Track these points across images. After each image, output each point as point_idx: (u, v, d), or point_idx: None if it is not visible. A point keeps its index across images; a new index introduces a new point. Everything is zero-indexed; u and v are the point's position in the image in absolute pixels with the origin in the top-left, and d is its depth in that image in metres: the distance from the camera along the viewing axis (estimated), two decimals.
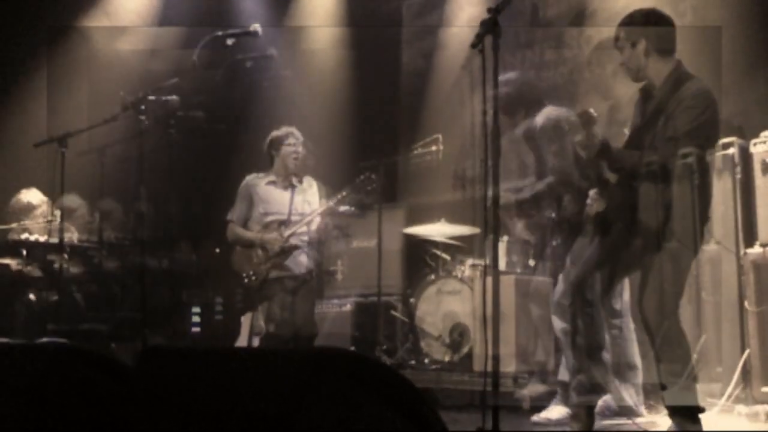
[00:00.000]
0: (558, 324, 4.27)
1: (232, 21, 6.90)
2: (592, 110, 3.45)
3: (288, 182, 5.44)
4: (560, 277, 4.30)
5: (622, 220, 3.59)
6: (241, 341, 5.93)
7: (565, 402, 4.12)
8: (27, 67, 6.81)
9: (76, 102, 6.67)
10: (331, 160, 6.12)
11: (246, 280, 5.34)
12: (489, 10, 3.07)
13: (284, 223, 5.34)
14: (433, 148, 5.85)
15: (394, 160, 6.67)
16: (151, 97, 4.18)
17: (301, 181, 5.47)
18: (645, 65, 3.58)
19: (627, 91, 3.99)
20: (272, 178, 5.46)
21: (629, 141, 3.70)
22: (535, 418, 4.19)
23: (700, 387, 3.46)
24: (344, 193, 5.33)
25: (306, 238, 5.39)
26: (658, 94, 3.58)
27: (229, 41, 4.25)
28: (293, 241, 5.32)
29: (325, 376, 2.28)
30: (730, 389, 4.01)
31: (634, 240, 3.54)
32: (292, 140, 5.37)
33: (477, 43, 3.05)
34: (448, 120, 6.44)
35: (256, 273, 5.30)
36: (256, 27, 4.34)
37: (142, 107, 4.04)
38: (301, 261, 5.39)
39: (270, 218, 5.39)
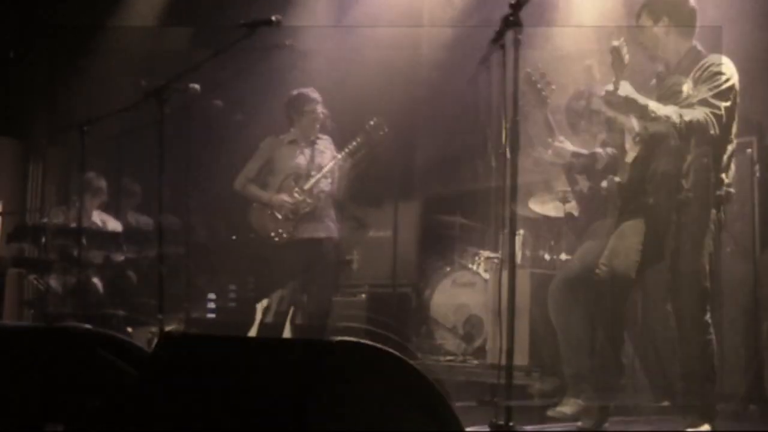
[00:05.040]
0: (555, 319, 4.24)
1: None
2: (624, 48, 3.46)
3: (308, 141, 5.45)
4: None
5: (643, 194, 3.62)
6: (255, 329, 5.96)
7: (577, 395, 4.11)
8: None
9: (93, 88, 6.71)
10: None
11: (276, 239, 5.29)
12: (510, 6, 3.07)
13: (302, 178, 5.34)
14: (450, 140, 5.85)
15: (411, 152, 6.64)
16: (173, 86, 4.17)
17: (320, 138, 5.47)
18: (665, 42, 3.65)
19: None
20: (293, 137, 5.47)
21: None
22: (551, 412, 4.19)
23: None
24: (358, 140, 5.31)
25: (327, 194, 5.37)
26: (677, 69, 3.65)
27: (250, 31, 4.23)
28: (313, 200, 5.30)
29: (341, 366, 2.30)
30: (743, 391, 3.99)
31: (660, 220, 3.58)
32: (313, 96, 5.42)
33: (498, 38, 3.05)
34: (467, 113, 6.40)
35: (285, 231, 5.28)
36: (278, 17, 4.32)
37: (164, 97, 4.03)
38: (329, 226, 5.41)
39: (291, 176, 5.39)
